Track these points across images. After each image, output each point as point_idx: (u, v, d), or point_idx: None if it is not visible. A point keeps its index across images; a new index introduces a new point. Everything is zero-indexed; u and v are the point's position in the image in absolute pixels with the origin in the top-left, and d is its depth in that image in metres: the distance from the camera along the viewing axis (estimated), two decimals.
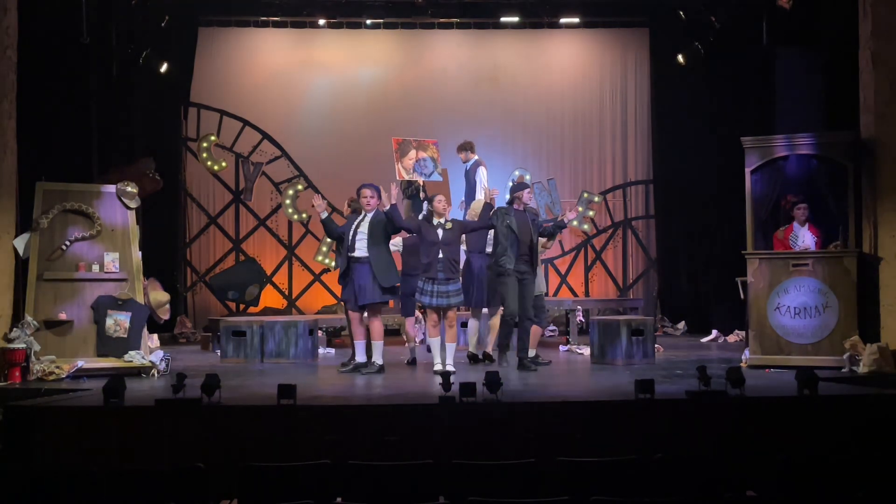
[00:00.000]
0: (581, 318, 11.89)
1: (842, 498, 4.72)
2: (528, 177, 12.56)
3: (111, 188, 8.76)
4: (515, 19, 13.74)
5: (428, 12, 13.36)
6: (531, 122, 14.10)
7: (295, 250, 13.86)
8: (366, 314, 8.62)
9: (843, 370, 8.04)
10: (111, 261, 8.56)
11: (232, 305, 13.40)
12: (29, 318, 8.13)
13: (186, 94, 13.62)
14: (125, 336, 8.40)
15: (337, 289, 11.01)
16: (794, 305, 8.50)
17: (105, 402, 6.44)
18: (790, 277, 8.55)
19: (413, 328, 9.57)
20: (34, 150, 9.20)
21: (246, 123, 13.68)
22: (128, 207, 8.76)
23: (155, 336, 9.20)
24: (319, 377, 8.68)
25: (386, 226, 8.52)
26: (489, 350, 9.29)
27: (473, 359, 9.23)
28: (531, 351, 8.88)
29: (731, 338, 11.71)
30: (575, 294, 13.83)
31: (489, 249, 9.06)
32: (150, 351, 8.63)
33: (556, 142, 14.17)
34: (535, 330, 9.09)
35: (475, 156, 10.87)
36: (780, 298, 8.56)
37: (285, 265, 13.86)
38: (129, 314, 8.44)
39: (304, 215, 13.31)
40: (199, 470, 5.15)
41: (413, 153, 10.82)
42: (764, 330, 8.61)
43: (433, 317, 8.51)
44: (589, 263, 14.07)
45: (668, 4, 12.94)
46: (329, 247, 12.72)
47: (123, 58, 12.10)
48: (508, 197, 9.10)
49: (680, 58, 13.17)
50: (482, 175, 10.64)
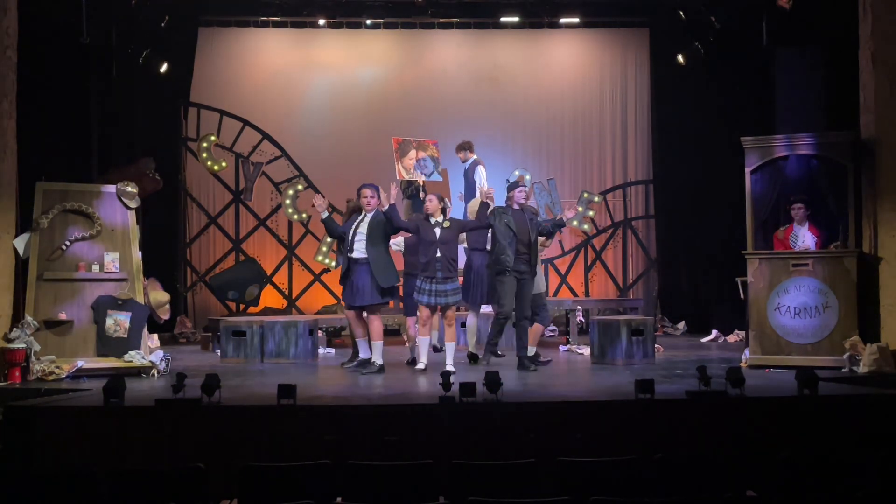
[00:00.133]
0: (581, 318, 11.89)
1: (842, 498, 4.71)
2: (528, 177, 12.55)
3: (111, 188, 8.77)
4: (515, 19, 13.73)
5: (428, 12, 13.35)
6: (531, 122, 14.09)
7: (295, 250, 13.85)
8: (365, 314, 8.63)
9: (843, 370, 8.04)
10: (111, 261, 8.56)
11: (232, 305, 13.39)
12: (29, 318, 8.13)
13: (186, 94, 13.61)
14: (125, 336, 8.41)
15: (337, 289, 11.02)
16: (794, 305, 8.50)
17: (105, 402, 6.45)
18: (790, 277, 8.55)
19: (414, 328, 9.56)
20: (34, 150, 9.19)
21: (246, 123, 13.67)
22: (128, 207, 8.76)
23: (155, 336, 9.20)
24: (319, 377, 8.68)
25: (385, 226, 8.52)
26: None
27: (473, 359, 9.22)
28: (531, 349, 8.88)
29: (731, 338, 11.71)
30: (575, 294, 13.83)
31: (490, 247, 9.05)
32: (150, 351, 8.64)
33: (556, 142, 14.16)
34: (537, 328, 9.09)
35: (473, 155, 10.88)
36: (780, 298, 8.56)
37: (285, 265, 13.86)
38: (129, 314, 8.45)
39: (304, 215, 13.30)
40: (199, 470, 5.15)
41: (413, 153, 10.83)
42: (764, 330, 8.61)
43: (424, 315, 8.49)
44: (589, 263, 14.06)
45: (668, 4, 12.93)
46: (329, 247, 12.72)
47: (123, 58, 12.11)
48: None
49: (680, 58, 13.17)
50: (481, 174, 10.65)
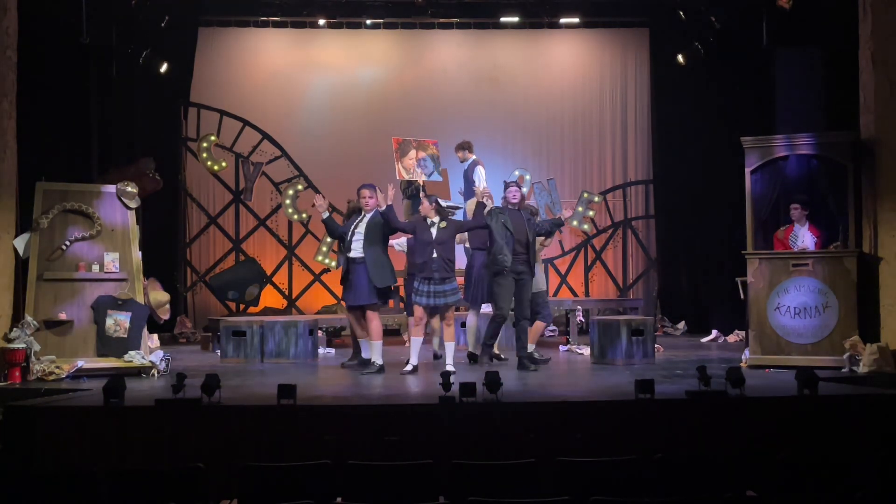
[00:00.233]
0: (581, 318, 11.89)
1: (842, 498, 4.71)
2: (528, 177, 12.56)
3: (111, 188, 8.77)
4: (515, 19, 13.72)
5: (428, 12, 13.35)
6: (531, 122, 14.09)
7: (295, 250, 13.85)
8: (366, 314, 8.63)
9: (843, 370, 8.04)
10: (111, 261, 8.56)
11: (232, 305, 13.38)
12: (29, 318, 8.13)
13: (186, 94, 13.61)
14: (125, 336, 8.40)
15: (337, 289, 11.01)
16: (794, 305, 8.50)
17: (105, 402, 6.45)
18: (790, 277, 8.55)
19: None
20: (34, 150, 9.18)
21: (246, 123, 13.67)
22: (128, 207, 8.76)
23: (155, 336, 9.20)
24: (319, 377, 8.68)
25: (383, 227, 8.53)
26: (494, 350, 9.26)
27: (473, 358, 9.21)
28: (530, 346, 8.87)
29: (731, 338, 11.70)
30: (575, 294, 13.82)
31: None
32: (150, 351, 8.63)
33: (556, 142, 14.16)
34: (538, 325, 9.10)
35: (473, 156, 10.87)
36: (780, 298, 8.56)
37: (285, 265, 13.86)
38: (129, 314, 8.44)
39: (304, 215, 13.29)
40: (199, 470, 5.15)
41: (413, 153, 10.84)
42: (764, 330, 8.61)
43: (418, 315, 8.49)
44: (589, 263, 14.06)
45: (668, 4, 12.92)
46: (329, 247, 12.71)
47: (123, 58, 12.10)
48: None
49: (680, 58, 13.16)
50: (480, 175, 10.64)
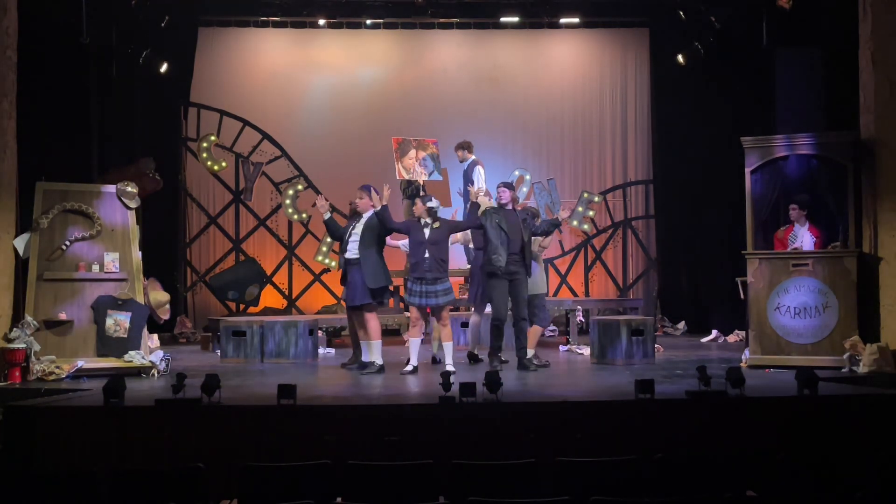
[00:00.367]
0: (581, 318, 11.89)
1: (842, 498, 4.71)
2: (528, 177, 12.57)
3: (111, 188, 8.77)
4: (515, 19, 13.72)
5: (428, 12, 13.35)
6: (531, 122, 14.09)
7: (295, 250, 13.85)
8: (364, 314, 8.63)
9: (843, 370, 8.04)
10: (111, 261, 8.56)
11: (232, 305, 13.38)
12: (29, 318, 8.13)
13: (186, 94, 13.61)
14: (125, 336, 8.40)
15: (337, 289, 11.03)
16: (794, 305, 8.50)
17: (105, 402, 6.45)
18: (790, 277, 8.55)
19: None
20: (34, 150, 9.20)
21: (246, 123, 13.67)
22: (128, 207, 8.76)
23: (155, 336, 9.20)
24: (319, 377, 8.68)
25: (379, 228, 8.53)
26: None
27: (473, 358, 9.21)
28: (529, 351, 8.87)
29: (731, 338, 11.70)
30: (575, 294, 13.82)
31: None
32: (150, 351, 8.64)
33: (556, 142, 14.16)
34: (536, 329, 9.07)
35: (472, 156, 10.88)
36: (780, 298, 8.56)
37: (285, 265, 13.86)
38: (129, 314, 8.44)
39: (305, 215, 13.29)
40: (199, 470, 5.15)
41: (413, 153, 10.84)
42: (764, 330, 8.61)
43: (414, 316, 8.48)
44: (589, 263, 14.06)
45: (668, 4, 12.92)
46: (329, 247, 12.71)
47: (123, 58, 12.11)
48: None
49: (680, 58, 13.16)
50: (479, 175, 10.64)
